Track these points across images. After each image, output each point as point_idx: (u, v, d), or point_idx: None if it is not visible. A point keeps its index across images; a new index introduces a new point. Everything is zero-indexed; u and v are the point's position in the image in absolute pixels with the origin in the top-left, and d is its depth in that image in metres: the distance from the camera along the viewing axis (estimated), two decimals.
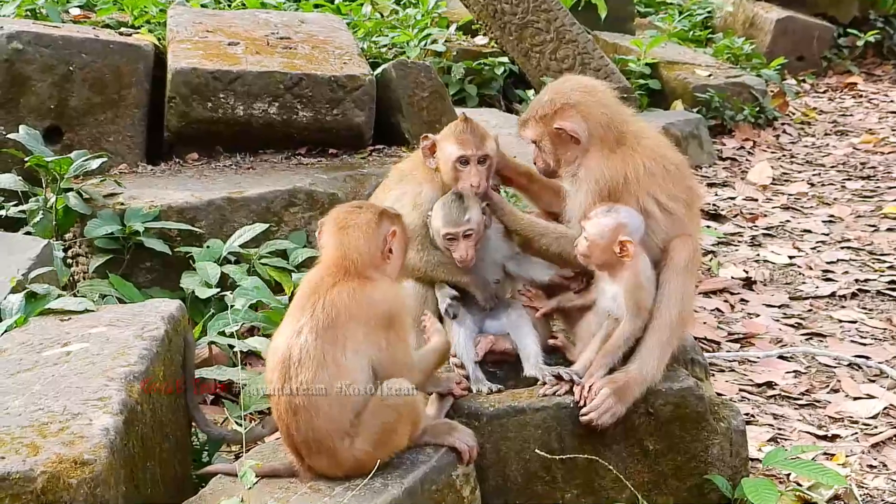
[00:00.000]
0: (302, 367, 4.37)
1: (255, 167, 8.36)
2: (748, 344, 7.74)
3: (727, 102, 13.46)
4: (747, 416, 6.50)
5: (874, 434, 6.47)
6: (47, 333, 5.20)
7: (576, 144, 5.24)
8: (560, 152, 5.31)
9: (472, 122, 5.49)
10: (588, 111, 5.26)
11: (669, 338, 5.11)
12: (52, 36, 8.37)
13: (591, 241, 5.08)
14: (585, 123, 5.23)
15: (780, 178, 12.00)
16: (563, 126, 5.22)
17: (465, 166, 5.35)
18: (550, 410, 4.97)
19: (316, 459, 4.44)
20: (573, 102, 5.28)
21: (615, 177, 5.15)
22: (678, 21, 17.25)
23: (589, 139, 5.23)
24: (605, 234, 5.06)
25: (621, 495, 5.06)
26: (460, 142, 5.38)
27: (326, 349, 4.37)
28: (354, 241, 4.57)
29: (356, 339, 4.42)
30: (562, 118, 5.24)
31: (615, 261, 5.09)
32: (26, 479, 3.93)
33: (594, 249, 5.09)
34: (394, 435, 4.49)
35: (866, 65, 17.91)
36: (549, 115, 5.30)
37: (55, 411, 4.33)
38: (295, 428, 4.41)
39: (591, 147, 5.23)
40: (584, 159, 5.24)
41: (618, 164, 5.16)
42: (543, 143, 5.36)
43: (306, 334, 4.39)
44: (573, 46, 12.44)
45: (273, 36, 9.28)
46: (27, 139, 7.52)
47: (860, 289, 8.76)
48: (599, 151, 5.21)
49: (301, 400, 4.36)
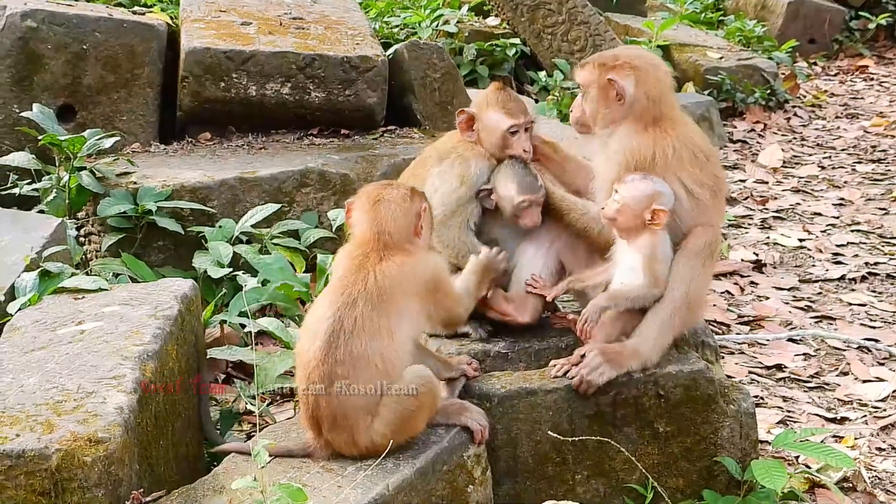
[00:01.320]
0: (354, 336, 4.40)
1: (267, 147, 8.38)
2: (758, 326, 7.75)
3: (738, 85, 13.45)
4: (757, 399, 6.52)
5: (883, 417, 6.48)
6: (61, 312, 5.22)
7: (618, 104, 5.20)
8: (600, 106, 5.27)
9: (510, 90, 5.54)
10: (644, 79, 5.22)
11: (671, 318, 5.08)
12: (66, 14, 8.39)
13: (624, 204, 5.02)
14: (635, 89, 5.19)
15: (790, 160, 12.00)
16: (615, 79, 5.18)
17: (514, 135, 5.38)
18: (562, 392, 4.98)
19: (335, 434, 4.46)
20: (635, 65, 5.25)
21: (644, 152, 5.11)
22: (690, 3, 17.21)
23: (631, 107, 5.19)
24: (641, 199, 5.01)
25: (632, 477, 5.08)
26: (509, 112, 5.39)
27: (383, 320, 4.44)
28: (390, 216, 4.64)
29: (411, 311, 4.54)
30: (618, 72, 5.20)
31: (641, 228, 5.05)
32: (41, 457, 3.96)
33: (625, 212, 5.03)
34: (411, 421, 4.50)
35: (878, 48, 17.87)
36: (608, 66, 5.25)
37: (70, 389, 4.36)
38: (326, 400, 4.43)
39: (629, 117, 5.20)
40: (618, 127, 5.22)
41: (649, 141, 5.12)
42: (590, 90, 5.31)
43: (362, 305, 4.43)
44: (585, 28, 12.45)
45: (286, 16, 9.29)
46: (41, 118, 7.54)
47: (870, 272, 8.76)
48: (633, 125, 5.18)
49: (343, 369, 4.40)
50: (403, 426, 4.48)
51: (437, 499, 4.54)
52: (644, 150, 5.12)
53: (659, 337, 5.09)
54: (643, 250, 5.05)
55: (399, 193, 4.72)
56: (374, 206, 4.67)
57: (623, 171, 5.10)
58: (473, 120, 5.45)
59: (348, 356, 4.39)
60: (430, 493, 4.49)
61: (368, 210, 4.68)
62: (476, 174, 5.38)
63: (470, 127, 5.46)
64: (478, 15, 13.85)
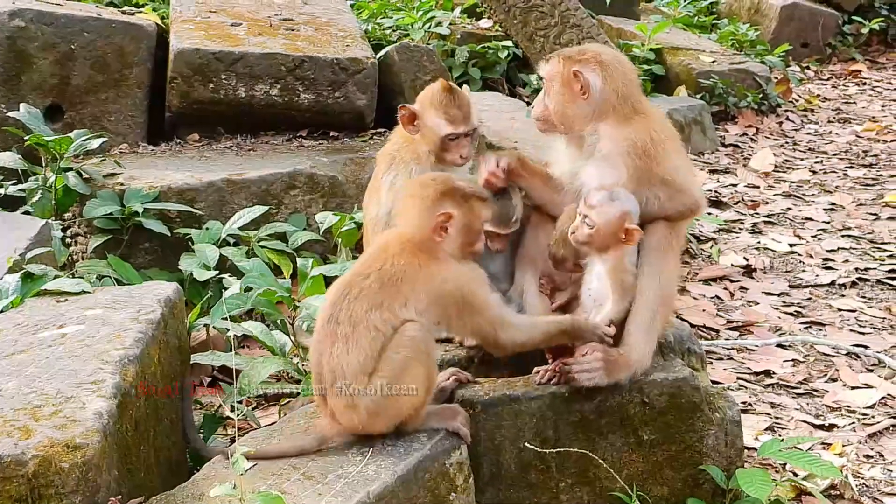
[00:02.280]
0: (358, 301, 4.48)
1: (255, 149, 8.37)
2: (747, 332, 7.73)
3: (731, 89, 13.45)
4: (744, 405, 6.50)
5: (871, 424, 6.46)
6: (43, 315, 5.20)
7: (583, 100, 5.10)
8: (564, 101, 5.15)
9: (456, 92, 5.44)
10: (612, 74, 5.14)
11: (652, 321, 5.07)
12: (54, 14, 8.38)
13: (597, 230, 4.98)
14: (603, 84, 5.09)
15: (782, 165, 11.99)
16: (580, 71, 5.08)
17: (454, 141, 5.34)
18: (545, 399, 4.95)
19: (336, 400, 4.51)
20: (602, 60, 5.16)
21: (642, 141, 5.07)
22: (683, 6, 17.27)
23: (598, 103, 5.10)
24: (613, 223, 4.97)
25: (616, 485, 5.05)
26: (449, 118, 5.34)
27: (385, 298, 4.48)
28: (409, 212, 4.67)
29: (418, 301, 4.53)
30: (584, 65, 5.11)
31: (614, 245, 5.03)
32: (18, 463, 3.93)
33: (597, 237, 5.00)
34: (406, 375, 4.50)
35: (871, 52, 17.90)
36: (573, 59, 5.16)
37: (49, 394, 4.33)
38: (328, 357, 4.49)
39: (601, 115, 5.11)
40: (601, 128, 5.10)
41: (638, 129, 5.08)
42: (553, 83, 5.20)
43: (372, 280, 4.51)
44: (577, 31, 12.40)
45: (276, 17, 9.29)
46: (28, 117, 7.52)
47: (860, 277, 8.74)
48: (615, 120, 5.10)
49: (343, 329, 4.47)
50: (399, 377, 4.49)
51: None
52: (642, 139, 5.07)
53: (646, 344, 5.07)
54: (609, 262, 5.05)
55: (427, 192, 4.67)
56: (405, 198, 4.74)
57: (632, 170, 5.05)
58: (416, 116, 5.41)
59: (348, 318, 4.47)
60: (412, 500, 4.45)
61: (402, 200, 4.77)
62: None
63: (412, 122, 5.43)
64: (470, 17, 13.85)
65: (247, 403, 5.76)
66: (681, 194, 5.15)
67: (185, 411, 5.33)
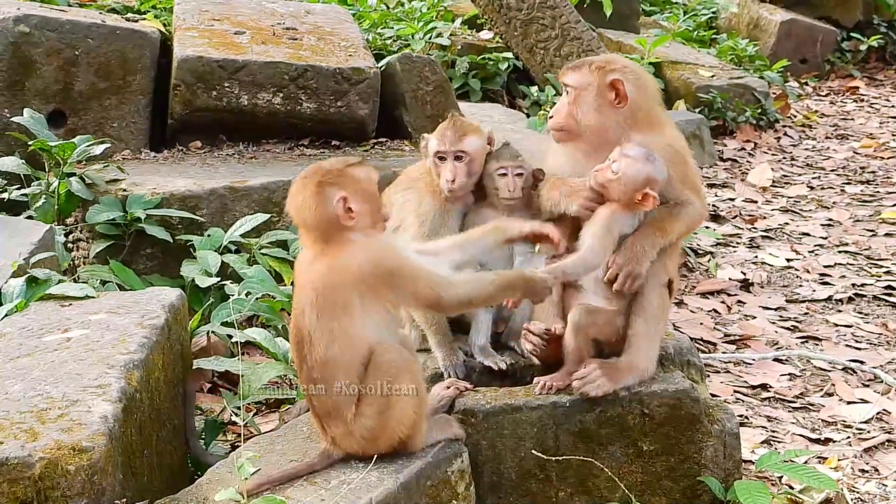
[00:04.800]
0: (313, 345, 4.44)
1: (257, 157, 8.39)
2: (744, 346, 7.76)
3: (729, 103, 13.48)
4: (741, 418, 6.52)
5: (867, 438, 6.48)
6: (48, 319, 5.23)
7: (616, 109, 5.09)
8: (596, 110, 5.12)
9: (456, 119, 5.49)
10: (644, 83, 5.20)
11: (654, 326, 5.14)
12: (59, 20, 8.39)
13: (620, 178, 4.97)
14: (637, 94, 5.11)
15: (779, 180, 12.02)
16: (621, 79, 5.08)
17: (442, 162, 5.36)
18: (546, 409, 4.98)
19: (334, 427, 4.52)
20: (633, 69, 5.20)
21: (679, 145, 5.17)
22: (683, 21, 17.31)
23: (631, 112, 5.11)
24: (639, 180, 4.96)
25: (615, 495, 5.07)
26: (438, 137, 5.41)
27: (333, 324, 4.42)
28: (306, 217, 4.50)
29: (354, 306, 4.44)
30: (622, 74, 5.11)
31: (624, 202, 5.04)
32: (24, 465, 3.96)
33: (617, 186, 5.00)
34: (395, 401, 4.50)
35: (869, 69, 17.95)
36: (607, 68, 5.14)
37: (54, 397, 4.36)
38: (316, 399, 4.51)
39: (637, 125, 5.11)
40: (633, 137, 5.07)
41: (669, 135, 5.16)
42: (585, 93, 5.14)
43: (308, 313, 4.44)
44: (578, 44, 12.45)
45: (279, 26, 9.30)
46: (31, 123, 7.54)
47: (857, 293, 8.77)
48: (646, 129, 5.12)
49: (317, 373, 4.45)
50: (389, 405, 4.49)
51: None
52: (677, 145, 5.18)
53: (651, 350, 5.12)
54: (601, 214, 5.05)
55: (309, 192, 4.50)
56: (292, 196, 4.56)
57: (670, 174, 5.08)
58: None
59: (317, 363, 4.45)
60: None
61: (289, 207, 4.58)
62: (427, 212, 5.40)
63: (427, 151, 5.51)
64: (471, 28, 13.88)
65: (247, 410, 5.77)
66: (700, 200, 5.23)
67: (188, 417, 5.36)
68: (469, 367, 5.29)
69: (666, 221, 5.12)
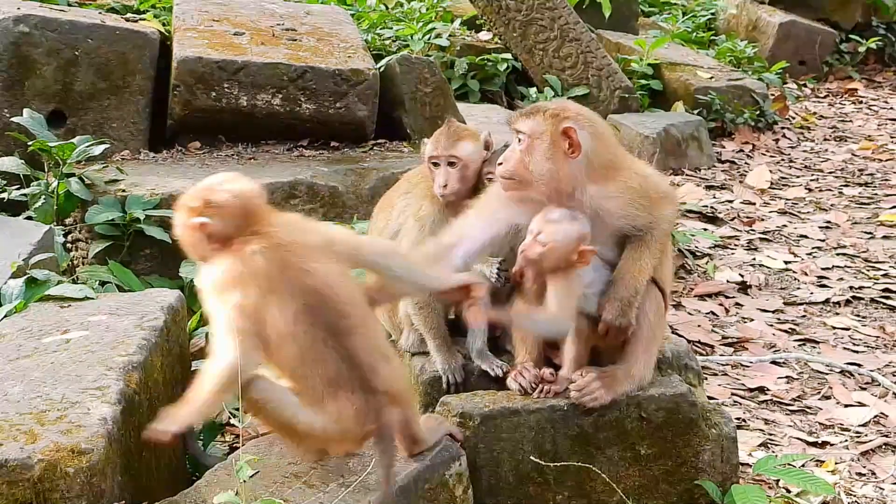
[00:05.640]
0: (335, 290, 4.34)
1: (256, 158, 8.40)
2: (742, 348, 7.76)
3: (728, 105, 13.50)
4: (739, 421, 6.52)
5: (864, 442, 6.49)
6: (47, 320, 5.23)
7: (569, 158, 4.93)
8: (549, 160, 4.94)
9: (452, 124, 5.50)
10: (601, 134, 5.08)
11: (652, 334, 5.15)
12: (59, 20, 8.40)
13: (551, 247, 4.88)
14: (592, 143, 4.97)
15: (778, 182, 12.03)
16: (573, 127, 4.92)
17: (436, 167, 5.37)
18: (545, 412, 4.98)
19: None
20: (588, 117, 5.07)
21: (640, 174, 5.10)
22: (681, 22, 17.33)
23: (588, 161, 4.96)
24: (570, 242, 4.88)
25: (612, 498, 5.08)
26: (433, 142, 5.43)
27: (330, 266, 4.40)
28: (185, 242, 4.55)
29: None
30: (576, 122, 4.95)
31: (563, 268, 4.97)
32: (24, 467, 3.96)
33: (551, 255, 4.90)
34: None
35: (867, 71, 17.96)
36: (562, 116, 4.98)
37: (54, 399, 4.37)
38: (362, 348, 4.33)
39: (595, 175, 4.99)
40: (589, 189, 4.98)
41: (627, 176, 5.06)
42: (539, 141, 4.96)
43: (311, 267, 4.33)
44: (576, 45, 12.49)
45: (278, 27, 9.31)
46: (31, 123, 7.55)
47: (854, 296, 8.78)
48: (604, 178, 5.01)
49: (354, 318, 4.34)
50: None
51: None
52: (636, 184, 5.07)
53: (646, 357, 5.13)
54: (556, 282, 4.97)
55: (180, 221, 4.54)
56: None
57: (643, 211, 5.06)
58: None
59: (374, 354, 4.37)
60: None
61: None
62: (426, 217, 5.41)
63: None
64: (470, 29, 13.89)
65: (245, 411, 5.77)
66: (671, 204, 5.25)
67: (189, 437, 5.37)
68: (467, 370, 5.30)
69: (643, 257, 5.08)
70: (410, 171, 5.84)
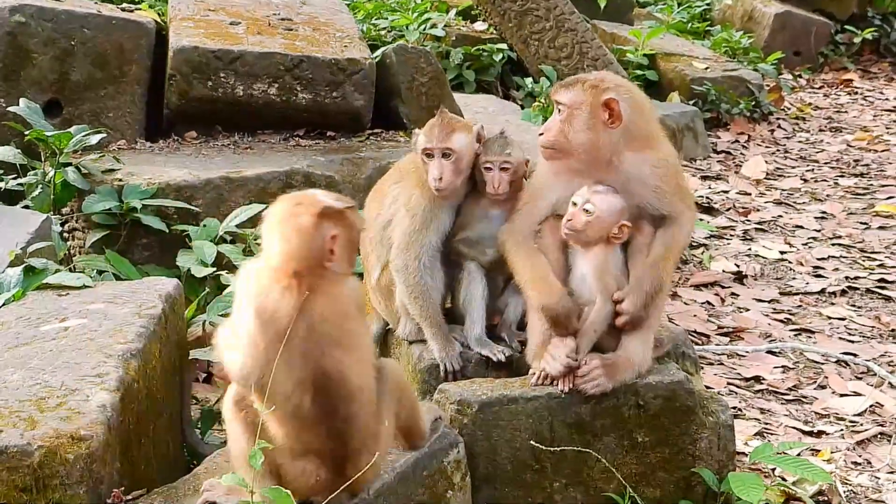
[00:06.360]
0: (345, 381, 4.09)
1: (253, 147, 8.39)
2: (737, 338, 7.79)
3: (723, 96, 13.51)
4: (734, 410, 6.54)
5: (860, 431, 6.51)
6: (45, 308, 5.24)
7: (609, 128, 5.03)
8: (589, 129, 5.05)
9: (445, 115, 5.46)
10: (639, 102, 5.17)
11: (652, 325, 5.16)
12: (54, 10, 8.39)
13: (597, 217, 5.00)
14: (632, 112, 5.07)
15: (773, 172, 12.05)
16: (616, 99, 5.01)
17: (430, 159, 5.34)
18: (542, 400, 5.00)
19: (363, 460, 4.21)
20: (628, 87, 5.18)
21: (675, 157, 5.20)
22: (677, 12, 17.33)
23: (626, 130, 5.06)
24: (614, 213, 5.02)
25: (609, 486, 5.10)
26: (426, 133, 5.38)
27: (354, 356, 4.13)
28: (295, 244, 4.10)
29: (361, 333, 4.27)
30: (616, 93, 5.05)
31: (599, 241, 5.08)
32: (23, 454, 3.96)
33: (596, 225, 5.02)
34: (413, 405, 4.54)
35: (863, 62, 17.98)
36: (602, 87, 5.07)
37: (53, 386, 4.37)
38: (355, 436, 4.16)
39: (631, 144, 5.09)
40: (628, 157, 5.08)
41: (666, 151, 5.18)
42: (578, 112, 5.06)
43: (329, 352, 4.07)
44: (572, 35, 12.48)
45: (274, 16, 9.30)
46: (27, 112, 7.54)
47: (850, 286, 8.80)
48: (640, 146, 5.10)
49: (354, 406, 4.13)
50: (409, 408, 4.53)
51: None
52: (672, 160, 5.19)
53: (645, 344, 5.13)
54: (594, 261, 5.09)
55: (302, 218, 4.12)
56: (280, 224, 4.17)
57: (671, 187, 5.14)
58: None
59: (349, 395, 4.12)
60: (410, 497, 4.52)
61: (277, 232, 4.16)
62: (417, 206, 5.41)
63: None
64: (465, 19, 13.88)
65: None
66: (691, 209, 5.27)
67: (184, 406, 5.38)
68: (465, 357, 5.32)
69: (671, 253, 5.18)
70: (401, 160, 5.83)
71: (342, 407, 4.11)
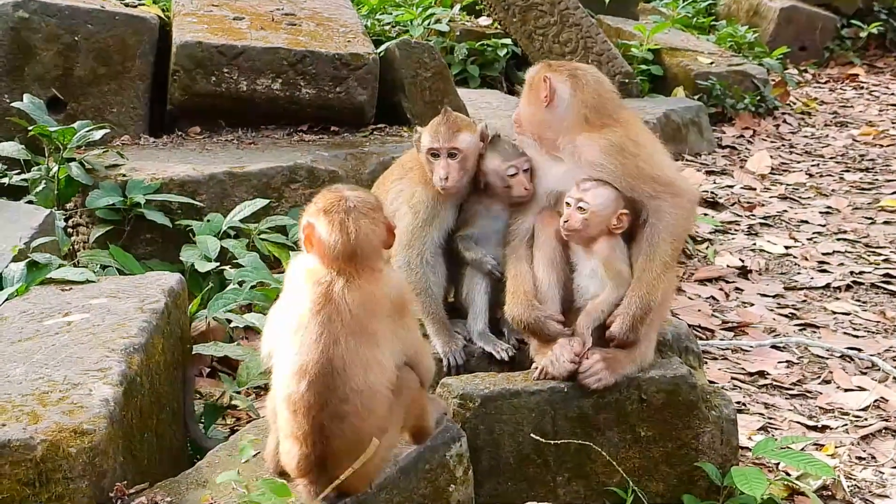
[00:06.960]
0: (349, 375, 4.08)
1: (256, 142, 8.40)
2: (742, 333, 7.77)
3: (728, 90, 13.47)
4: (739, 405, 6.53)
5: (864, 426, 6.50)
6: (48, 303, 5.25)
7: (547, 108, 5.11)
8: (530, 104, 5.22)
9: (449, 114, 5.43)
10: (582, 88, 5.15)
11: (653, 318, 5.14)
12: (58, 5, 8.41)
13: (593, 213, 5.00)
14: (572, 96, 5.12)
15: (778, 167, 12.02)
16: (549, 77, 5.12)
17: (436, 159, 5.33)
18: (545, 394, 4.99)
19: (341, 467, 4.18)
20: (576, 74, 5.19)
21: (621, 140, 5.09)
22: (682, 7, 17.29)
23: (572, 116, 5.10)
24: (609, 206, 5.02)
25: (612, 480, 5.09)
26: (431, 133, 5.36)
27: (370, 354, 4.14)
28: (364, 231, 4.19)
29: (386, 334, 4.21)
30: (555, 73, 5.15)
31: (601, 234, 5.08)
32: (26, 447, 3.98)
33: (594, 221, 5.02)
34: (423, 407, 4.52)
35: (868, 56, 17.93)
36: (552, 67, 5.24)
37: (56, 380, 4.38)
38: (338, 435, 4.13)
39: (580, 128, 5.10)
40: (577, 140, 5.09)
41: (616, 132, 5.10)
42: (528, 88, 5.25)
43: (345, 342, 4.10)
44: (576, 30, 12.46)
45: (278, 12, 9.31)
46: (31, 108, 7.55)
47: (855, 281, 8.78)
48: (590, 130, 5.09)
49: (353, 405, 4.11)
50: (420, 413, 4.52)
51: (419, 497, 4.55)
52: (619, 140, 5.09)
53: (648, 338, 5.12)
54: (602, 254, 5.09)
55: (372, 201, 4.30)
56: (347, 216, 4.20)
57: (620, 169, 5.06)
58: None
59: (352, 393, 4.10)
60: (413, 491, 4.52)
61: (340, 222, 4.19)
62: (420, 202, 5.40)
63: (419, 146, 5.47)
64: (469, 14, 13.87)
65: (246, 394, 5.79)
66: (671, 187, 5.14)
67: (187, 401, 5.38)
68: (468, 352, 5.32)
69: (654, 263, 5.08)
70: (403, 156, 5.82)
71: (334, 403, 4.10)
